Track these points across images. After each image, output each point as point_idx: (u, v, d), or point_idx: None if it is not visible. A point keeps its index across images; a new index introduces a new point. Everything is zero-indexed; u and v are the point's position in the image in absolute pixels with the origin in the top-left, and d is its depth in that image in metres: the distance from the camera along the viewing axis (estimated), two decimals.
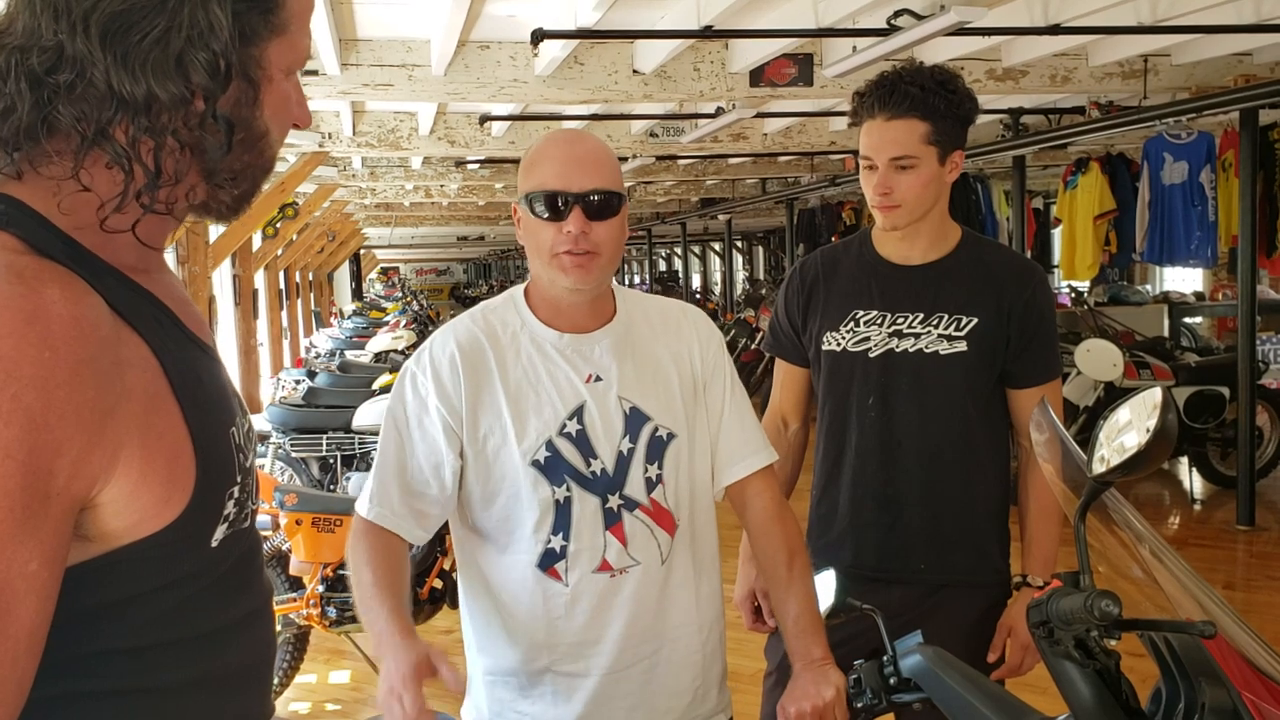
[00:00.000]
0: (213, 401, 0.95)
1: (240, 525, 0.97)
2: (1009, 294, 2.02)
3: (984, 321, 2.00)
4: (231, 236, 7.84)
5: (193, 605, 0.95)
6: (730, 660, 1.78)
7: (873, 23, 4.46)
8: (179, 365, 0.91)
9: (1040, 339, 2.04)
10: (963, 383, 2.01)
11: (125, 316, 0.88)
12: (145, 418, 0.86)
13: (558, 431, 1.58)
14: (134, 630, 0.91)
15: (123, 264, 0.91)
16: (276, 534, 4.04)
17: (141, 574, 0.89)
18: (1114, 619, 1.05)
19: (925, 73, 1.96)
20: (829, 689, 1.51)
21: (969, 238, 2.11)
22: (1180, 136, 7.05)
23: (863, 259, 2.12)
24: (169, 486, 0.88)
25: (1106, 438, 1.17)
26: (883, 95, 1.94)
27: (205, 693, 0.98)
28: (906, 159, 1.95)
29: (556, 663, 1.61)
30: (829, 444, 2.13)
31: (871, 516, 2.06)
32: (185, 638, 0.95)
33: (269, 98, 0.95)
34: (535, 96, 5.72)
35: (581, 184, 1.54)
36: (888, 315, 2.05)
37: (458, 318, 1.70)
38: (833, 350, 2.09)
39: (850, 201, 13.02)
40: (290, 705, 4.06)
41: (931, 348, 2.01)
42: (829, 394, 2.12)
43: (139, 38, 0.86)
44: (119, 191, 0.88)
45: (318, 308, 17.62)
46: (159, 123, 0.88)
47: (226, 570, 0.97)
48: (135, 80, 0.86)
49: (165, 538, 0.89)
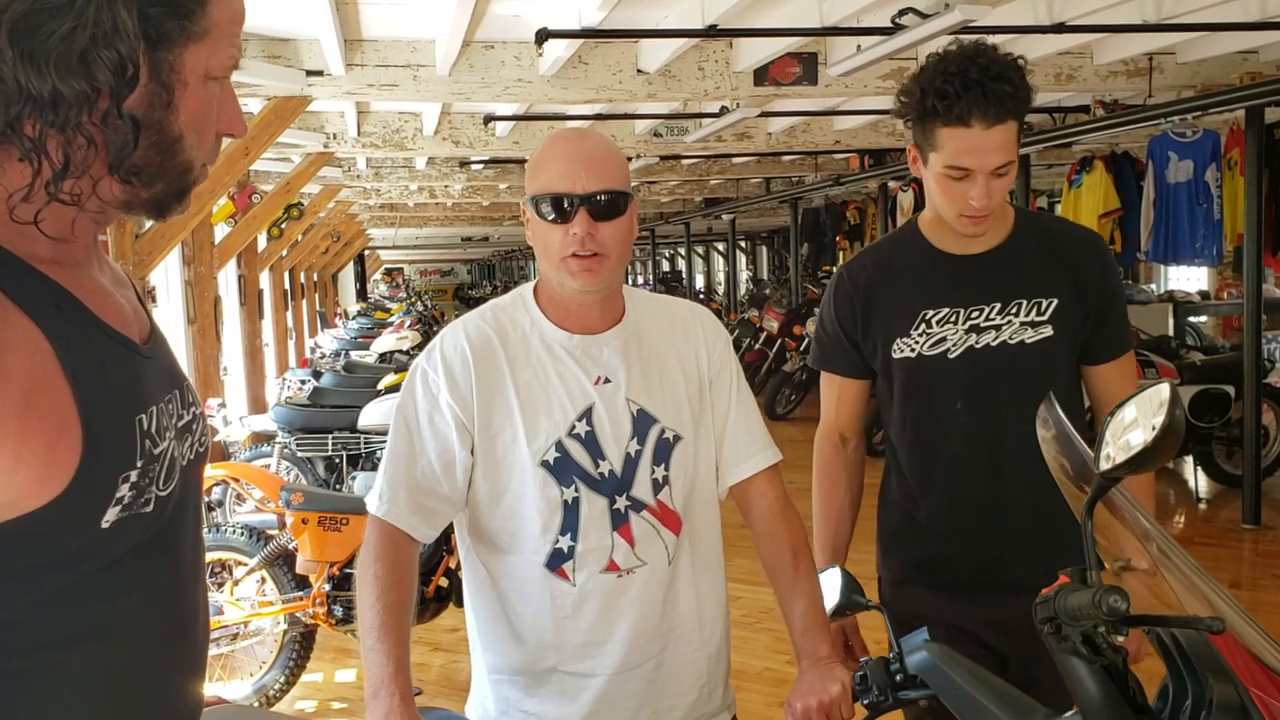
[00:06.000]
0: (116, 387, 0.97)
1: (139, 510, 0.98)
2: (1083, 266, 1.90)
3: (1065, 300, 1.88)
4: (237, 237, 7.85)
5: (85, 588, 0.96)
6: (735, 659, 1.79)
7: (877, 21, 4.46)
8: (76, 351, 0.93)
9: (1115, 311, 1.94)
10: (1054, 369, 1.88)
11: (18, 302, 0.90)
12: (25, 398, 0.88)
13: (567, 432, 1.59)
14: (19, 609, 0.92)
15: (31, 255, 0.94)
16: (283, 533, 4.05)
17: (22, 551, 0.91)
18: (1122, 615, 1.05)
19: (1008, 66, 1.76)
20: (835, 685, 1.51)
21: (1022, 214, 1.98)
22: (1185, 135, 7.02)
23: (920, 254, 1.96)
24: (49, 465, 0.90)
25: (1113, 435, 1.17)
26: (976, 100, 1.73)
27: (103, 682, 0.98)
28: (1007, 165, 1.79)
29: (563, 663, 1.61)
30: (913, 457, 1.98)
31: (974, 526, 1.92)
32: (78, 621, 0.96)
33: (185, 103, 0.97)
34: (540, 96, 5.72)
35: (587, 185, 1.54)
36: (961, 311, 1.90)
37: (467, 315, 1.70)
38: (907, 357, 1.93)
39: (854, 201, 13.02)
40: (297, 704, 4.07)
41: (1016, 337, 1.87)
42: (908, 404, 1.96)
43: (45, 36, 0.88)
44: (26, 184, 0.91)
45: (323, 308, 17.62)
46: (65, 118, 0.90)
47: (125, 555, 0.98)
48: (41, 77, 0.88)
49: (46, 515, 0.90)
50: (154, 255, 5.55)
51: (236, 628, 4.04)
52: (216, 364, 7.25)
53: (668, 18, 4.93)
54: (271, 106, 5.62)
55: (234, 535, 4.13)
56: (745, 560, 2.08)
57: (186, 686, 1.10)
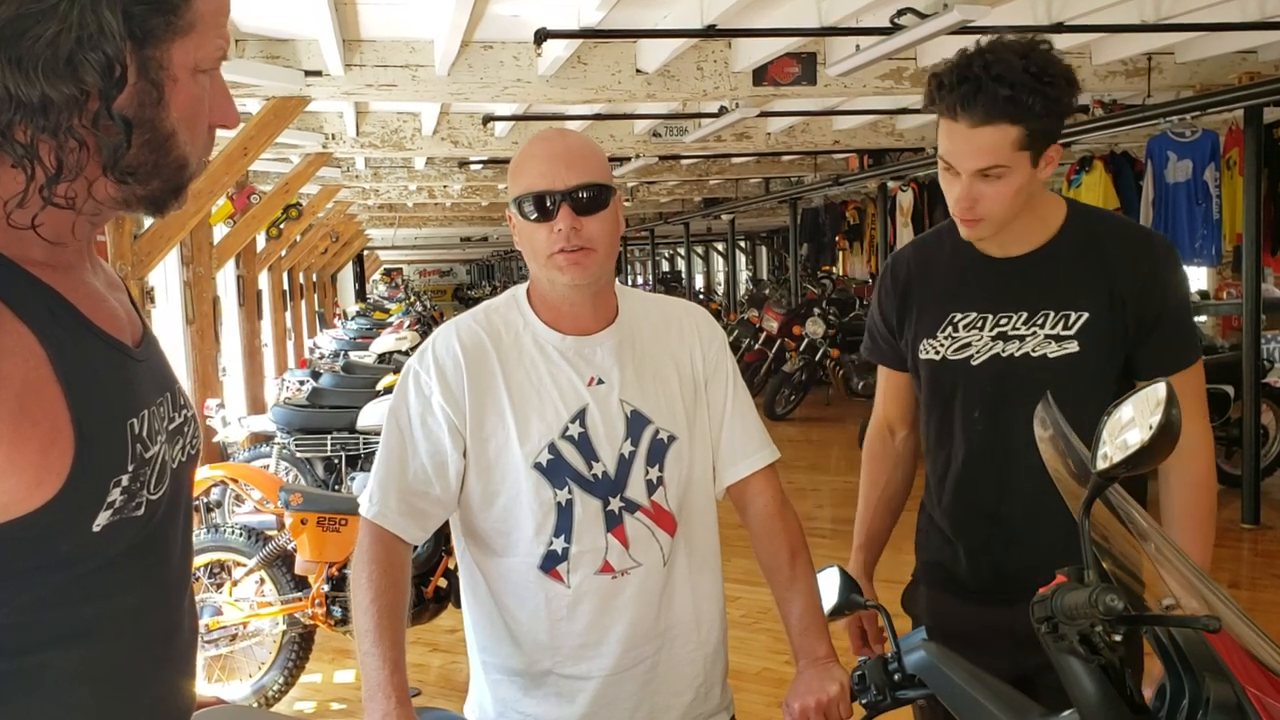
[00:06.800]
0: (108, 391, 0.97)
1: (130, 514, 0.98)
2: (1122, 277, 1.75)
3: (1096, 314, 1.75)
4: (235, 237, 7.85)
5: (76, 590, 0.96)
6: (733, 659, 1.78)
7: (876, 21, 4.46)
8: (69, 355, 0.93)
9: (1167, 320, 1.77)
10: (1077, 387, 1.71)
11: (12, 306, 0.90)
12: (18, 403, 0.88)
13: (560, 434, 1.58)
14: (11, 610, 0.92)
15: (27, 259, 0.94)
16: (282, 534, 4.05)
17: (13, 554, 0.91)
18: (1119, 614, 1.05)
19: (1016, 64, 1.63)
20: (833, 685, 1.51)
21: (1076, 213, 1.83)
22: (1184, 135, 7.03)
23: (957, 253, 1.87)
24: (41, 470, 0.90)
25: (1110, 434, 1.17)
26: (965, 97, 1.64)
27: (95, 681, 0.99)
28: (995, 169, 1.68)
29: (559, 664, 1.61)
30: (934, 460, 1.94)
31: (979, 537, 1.87)
32: (69, 622, 0.96)
33: (176, 98, 0.97)
34: (539, 96, 5.72)
35: (566, 181, 1.54)
36: (989, 317, 1.82)
37: (459, 317, 1.70)
38: (931, 360, 1.87)
39: (853, 201, 13.02)
40: (295, 705, 4.07)
41: (1039, 350, 1.77)
42: (931, 407, 1.92)
43: (31, 42, 0.88)
44: (20, 189, 0.91)
45: (321, 309, 17.62)
46: (56, 122, 0.90)
47: (116, 557, 0.98)
48: (29, 83, 0.88)
49: (38, 519, 0.90)
50: (152, 255, 5.55)
51: (235, 628, 4.04)
52: (215, 364, 7.25)
53: (666, 18, 4.93)
54: (270, 107, 5.61)
55: (233, 536, 4.13)
56: (743, 560, 2.08)
57: (177, 685, 1.10)
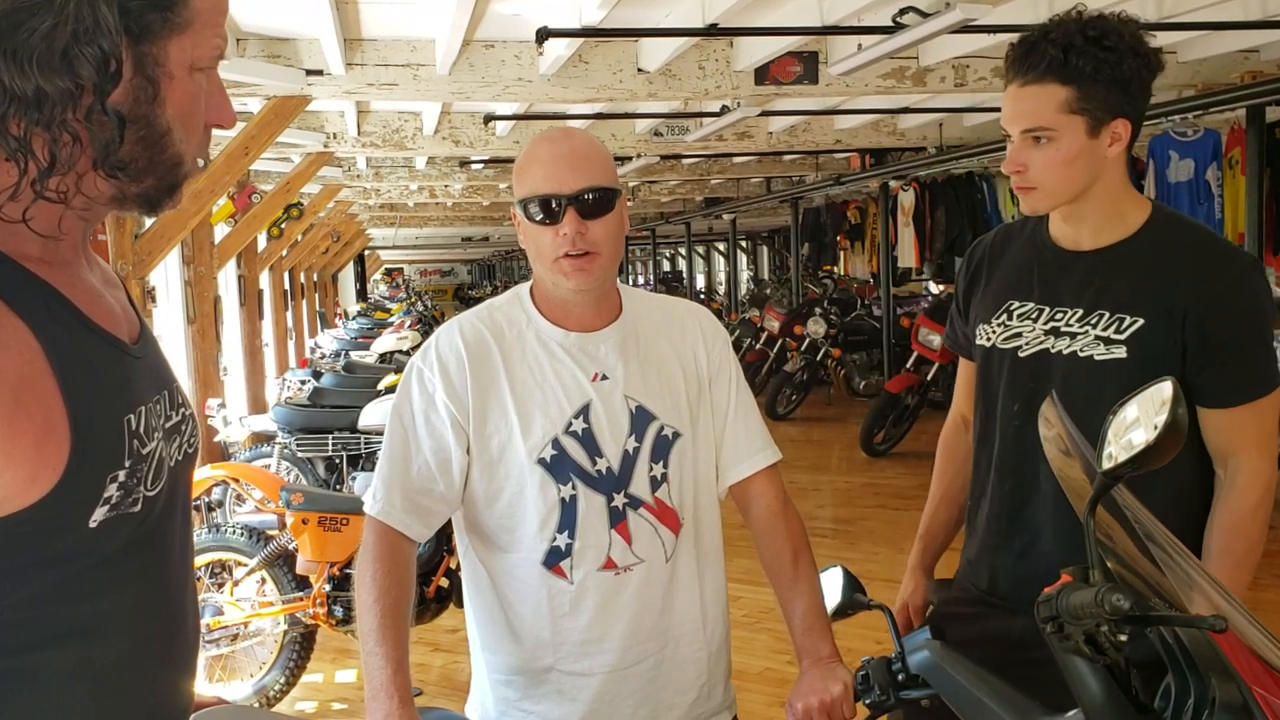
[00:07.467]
0: (104, 387, 0.97)
1: (127, 510, 0.98)
2: (1186, 291, 1.66)
3: (1151, 323, 1.67)
4: (236, 237, 7.85)
5: (73, 587, 0.96)
6: (735, 658, 1.78)
7: (878, 20, 4.45)
8: (65, 350, 0.93)
9: (1235, 348, 1.67)
10: (1116, 394, 1.62)
11: (8, 300, 0.90)
12: (13, 396, 0.88)
13: (564, 430, 1.58)
14: (7, 607, 0.92)
15: (23, 255, 0.94)
16: (283, 533, 4.05)
17: (9, 550, 0.91)
18: (1124, 614, 1.05)
19: (1074, 27, 1.65)
20: (836, 685, 1.51)
21: (1160, 217, 1.76)
22: (1186, 134, 7.02)
23: (1032, 241, 1.85)
24: (36, 465, 0.90)
25: (1115, 433, 1.16)
26: (1019, 56, 1.68)
27: (93, 680, 0.98)
28: (1041, 130, 1.67)
29: (561, 661, 1.61)
30: (978, 454, 1.90)
31: (1004, 540, 1.82)
32: (66, 619, 0.96)
33: (171, 95, 0.97)
34: (540, 95, 5.71)
35: (573, 184, 1.54)
36: (1045, 309, 1.78)
37: (463, 315, 1.70)
38: (983, 346, 1.85)
39: (855, 200, 13.00)
40: (297, 705, 4.06)
41: (1086, 351, 1.72)
42: (979, 396, 1.88)
43: (27, 34, 0.87)
44: (13, 183, 0.91)
45: (322, 308, 17.62)
46: (50, 116, 0.90)
47: (114, 554, 0.98)
48: (24, 76, 0.88)
49: (34, 514, 0.90)
50: (154, 255, 5.54)
51: (236, 628, 4.04)
52: (216, 364, 7.24)
53: (668, 17, 4.93)
54: (271, 106, 5.61)
55: (234, 535, 4.13)
56: (745, 560, 2.07)
57: (177, 684, 1.10)
